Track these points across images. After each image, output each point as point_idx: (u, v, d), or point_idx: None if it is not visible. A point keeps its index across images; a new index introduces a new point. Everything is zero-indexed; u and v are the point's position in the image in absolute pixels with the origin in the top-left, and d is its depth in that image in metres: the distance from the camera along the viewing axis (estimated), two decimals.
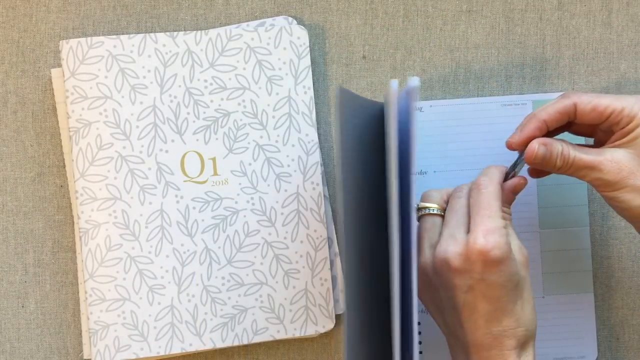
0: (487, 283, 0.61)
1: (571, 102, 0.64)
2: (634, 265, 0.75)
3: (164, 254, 0.72)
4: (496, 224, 0.62)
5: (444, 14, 0.75)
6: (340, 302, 0.74)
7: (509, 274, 0.61)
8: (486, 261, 0.61)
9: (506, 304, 0.62)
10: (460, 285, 0.62)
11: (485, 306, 0.62)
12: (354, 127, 0.65)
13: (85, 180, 0.72)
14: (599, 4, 0.75)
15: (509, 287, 0.62)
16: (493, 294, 0.62)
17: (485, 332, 0.62)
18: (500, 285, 0.61)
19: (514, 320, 0.62)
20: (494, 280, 0.61)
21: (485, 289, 0.62)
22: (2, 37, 0.74)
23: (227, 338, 0.72)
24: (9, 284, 0.74)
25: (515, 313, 0.62)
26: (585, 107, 0.64)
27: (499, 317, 0.62)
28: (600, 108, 0.64)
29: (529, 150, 0.64)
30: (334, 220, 0.74)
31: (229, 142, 0.73)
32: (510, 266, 0.61)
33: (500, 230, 0.61)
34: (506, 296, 0.62)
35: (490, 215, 0.62)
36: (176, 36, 0.72)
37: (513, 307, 0.62)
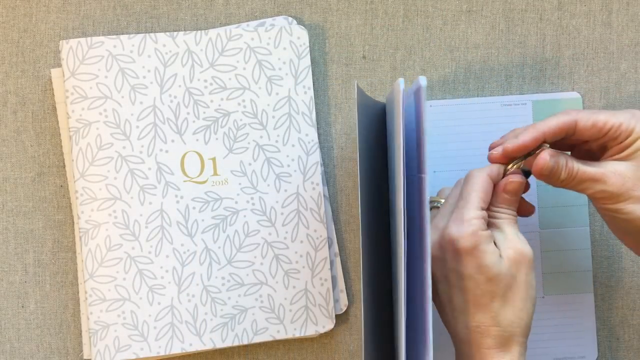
0: (458, 274, 0.62)
1: (572, 118, 0.64)
2: (634, 265, 0.75)
3: (164, 254, 0.72)
4: (469, 215, 0.62)
5: (444, 14, 0.75)
6: (340, 302, 0.74)
7: (478, 265, 0.61)
8: (454, 250, 0.62)
9: (479, 297, 0.62)
10: (438, 275, 0.64)
11: (458, 297, 0.63)
12: (364, 125, 0.66)
13: (85, 180, 0.72)
14: (599, 4, 0.75)
15: (480, 280, 0.62)
16: (463, 285, 0.62)
17: (462, 326, 0.63)
18: (469, 277, 0.62)
19: (489, 317, 0.62)
20: (463, 271, 0.62)
21: (456, 280, 0.62)
22: (2, 37, 0.74)
23: (227, 338, 0.72)
24: (9, 284, 0.74)
25: (491, 310, 0.62)
26: (585, 123, 0.64)
27: (471, 310, 0.62)
28: (599, 124, 0.64)
29: (540, 160, 0.64)
30: (334, 220, 0.74)
31: (229, 142, 0.73)
32: (480, 258, 0.61)
33: (471, 220, 0.62)
34: (477, 289, 0.62)
35: (465, 206, 0.63)
36: (176, 36, 0.72)
37: (488, 303, 0.62)
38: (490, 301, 0.62)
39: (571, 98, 0.75)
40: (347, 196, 0.75)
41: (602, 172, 0.64)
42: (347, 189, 0.75)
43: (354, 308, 0.75)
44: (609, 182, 0.64)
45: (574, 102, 0.75)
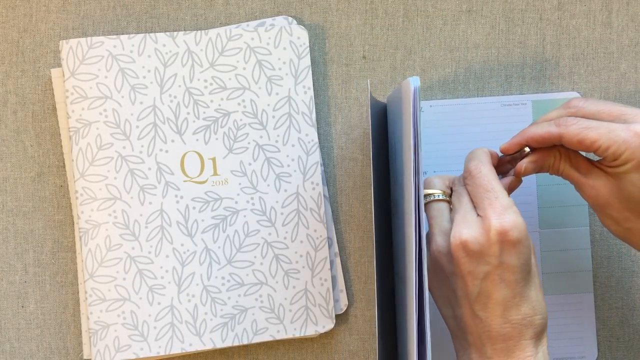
0: (505, 266, 0.60)
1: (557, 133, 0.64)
2: (634, 265, 0.75)
3: (164, 254, 0.72)
4: (506, 203, 0.61)
5: (444, 14, 0.75)
6: (340, 302, 0.74)
7: (526, 256, 0.61)
8: (505, 242, 0.60)
9: (523, 289, 0.61)
10: (475, 272, 0.61)
11: (503, 292, 0.61)
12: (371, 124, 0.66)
13: (85, 180, 0.72)
14: (599, 4, 0.75)
15: (526, 271, 0.61)
16: (511, 278, 0.61)
17: (503, 321, 0.61)
18: (518, 268, 0.61)
19: (531, 307, 0.61)
20: (512, 262, 0.60)
21: (502, 273, 0.61)
22: (2, 37, 0.74)
23: (227, 338, 0.72)
24: (9, 284, 0.74)
25: (532, 300, 0.61)
26: (571, 139, 0.63)
27: (518, 303, 0.61)
28: (586, 142, 0.63)
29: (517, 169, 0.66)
30: (334, 220, 0.74)
31: (229, 142, 0.73)
32: (527, 247, 0.61)
33: (512, 208, 0.61)
34: (523, 280, 0.61)
35: (497, 196, 0.61)
36: (176, 36, 0.72)
37: (529, 293, 0.61)
38: (530, 291, 0.62)
39: (571, 98, 0.75)
40: (347, 196, 0.75)
41: (582, 181, 0.65)
42: (347, 189, 0.75)
43: (354, 308, 0.75)
44: (586, 194, 0.65)
45: None
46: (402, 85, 0.63)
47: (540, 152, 0.66)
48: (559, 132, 0.64)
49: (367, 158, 0.75)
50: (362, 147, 0.75)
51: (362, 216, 0.75)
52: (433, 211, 0.65)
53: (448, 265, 0.63)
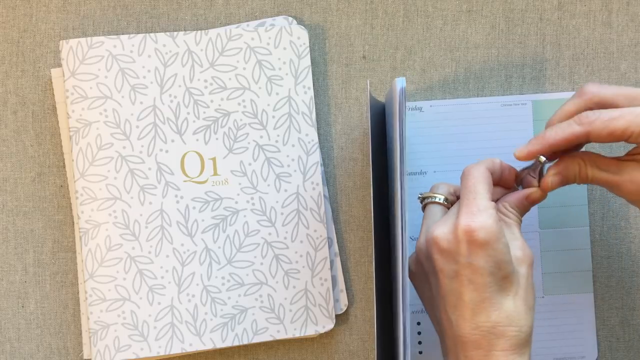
0: (473, 267, 0.59)
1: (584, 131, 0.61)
2: (634, 265, 0.75)
3: (164, 254, 0.72)
4: (482, 205, 0.60)
5: (444, 14, 0.75)
6: (340, 302, 0.74)
7: (497, 260, 0.59)
8: (471, 241, 0.59)
9: (494, 294, 0.59)
10: (446, 270, 0.60)
11: (471, 294, 0.59)
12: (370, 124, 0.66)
13: (85, 180, 0.72)
14: (599, 4, 0.75)
15: (498, 276, 0.59)
16: (479, 281, 0.59)
17: (472, 327, 0.59)
18: (487, 271, 0.59)
19: (505, 316, 0.59)
20: (480, 264, 0.59)
21: (471, 274, 0.59)
22: (2, 37, 0.74)
23: (227, 338, 0.72)
24: (9, 284, 0.74)
25: (506, 309, 0.59)
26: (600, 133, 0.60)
27: (487, 309, 0.59)
28: (617, 133, 0.60)
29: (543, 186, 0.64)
30: (334, 220, 0.74)
31: (229, 142, 0.73)
32: (498, 252, 0.59)
33: (487, 211, 0.60)
34: (495, 285, 0.59)
35: (475, 197, 0.60)
36: (176, 36, 0.72)
37: (502, 300, 0.59)
38: (504, 299, 0.60)
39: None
40: (347, 196, 0.75)
41: (617, 180, 0.62)
42: (347, 189, 0.75)
43: (354, 308, 0.75)
44: (625, 190, 0.62)
45: None
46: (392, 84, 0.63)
47: (562, 162, 0.64)
48: (584, 131, 0.61)
49: (367, 158, 0.75)
50: (362, 147, 0.75)
51: (362, 216, 0.75)
52: (426, 212, 0.65)
53: (427, 262, 0.62)
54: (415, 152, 0.74)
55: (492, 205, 0.60)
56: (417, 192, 0.70)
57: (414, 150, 0.74)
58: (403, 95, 0.61)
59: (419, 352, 0.74)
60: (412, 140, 0.74)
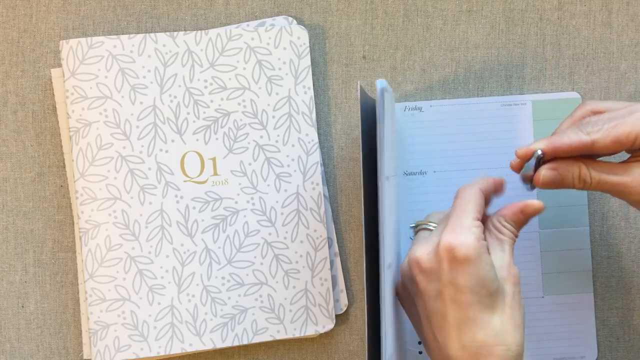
0: (456, 286, 0.58)
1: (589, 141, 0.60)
2: (634, 265, 0.75)
3: (164, 254, 0.72)
4: (466, 223, 0.59)
5: (444, 14, 0.75)
6: (340, 302, 0.74)
7: (479, 277, 0.58)
8: (452, 259, 0.58)
9: (479, 313, 0.58)
10: (430, 290, 0.60)
11: (455, 314, 0.58)
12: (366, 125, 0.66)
13: (85, 180, 0.72)
14: (599, 4, 0.75)
15: (482, 294, 0.58)
16: (462, 299, 0.58)
17: (459, 347, 0.58)
18: (469, 290, 0.58)
19: (492, 335, 0.58)
20: (462, 283, 0.58)
21: (453, 293, 0.58)
22: (2, 37, 0.74)
23: (227, 338, 0.72)
24: (9, 284, 0.74)
25: (493, 327, 0.58)
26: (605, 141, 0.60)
27: (472, 328, 0.58)
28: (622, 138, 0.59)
29: (535, 178, 0.62)
30: (334, 220, 0.74)
31: (229, 142, 0.73)
32: (481, 269, 0.58)
33: (469, 229, 0.59)
34: (479, 304, 0.58)
35: (461, 216, 0.60)
36: (176, 36, 0.72)
37: (488, 319, 0.58)
38: (491, 318, 0.58)
39: (571, 98, 0.75)
40: (347, 196, 0.75)
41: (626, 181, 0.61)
42: (347, 189, 0.75)
43: (354, 308, 0.75)
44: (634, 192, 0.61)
45: (574, 102, 0.75)
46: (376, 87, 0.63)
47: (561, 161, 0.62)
48: (590, 140, 0.60)
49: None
50: None
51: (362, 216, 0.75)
52: (416, 237, 0.65)
53: (410, 285, 0.62)
54: (415, 152, 0.74)
55: (477, 224, 0.60)
56: (417, 193, 0.71)
57: (413, 150, 0.74)
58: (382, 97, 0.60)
59: (418, 352, 0.74)
60: (412, 140, 0.74)
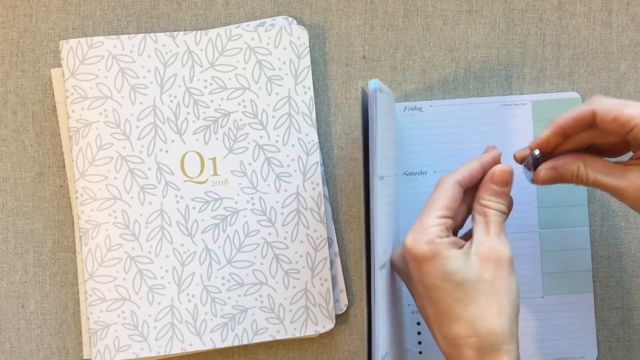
0: (423, 284, 0.59)
1: (590, 109, 0.60)
2: (634, 265, 0.75)
3: (164, 254, 0.72)
4: (426, 222, 0.59)
5: (444, 14, 0.75)
6: (340, 302, 0.74)
7: (442, 273, 0.58)
8: (413, 260, 0.59)
9: (450, 306, 0.58)
10: (409, 288, 0.62)
11: (429, 309, 0.60)
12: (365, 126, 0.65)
13: (85, 180, 0.72)
14: (599, 4, 0.75)
15: (448, 288, 0.58)
16: (431, 296, 0.59)
17: (441, 338, 0.60)
18: (434, 286, 0.58)
19: (466, 327, 0.58)
20: (427, 281, 0.59)
21: (423, 291, 0.59)
22: (2, 37, 0.74)
23: (227, 338, 0.72)
24: (9, 284, 0.74)
25: (466, 319, 0.58)
26: (606, 115, 0.59)
27: (445, 321, 0.59)
28: (622, 120, 0.58)
29: (534, 178, 0.63)
30: (334, 220, 0.74)
31: (229, 142, 0.73)
32: (443, 265, 0.58)
33: (428, 228, 0.59)
34: (447, 298, 0.58)
35: (426, 214, 0.60)
36: (176, 36, 0.72)
37: (461, 311, 0.58)
38: (464, 309, 0.58)
39: (571, 98, 0.75)
40: (347, 196, 0.75)
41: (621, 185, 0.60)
42: (347, 189, 0.75)
43: (354, 308, 0.75)
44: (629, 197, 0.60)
45: (574, 102, 0.75)
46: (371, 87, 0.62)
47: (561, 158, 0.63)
48: (591, 109, 0.59)
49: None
50: None
51: (362, 216, 0.75)
52: None
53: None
54: (415, 152, 0.74)
55: (439, 222, 0.60)
56: (417, 193, 0.71)
57: (413, 150, 0.74)
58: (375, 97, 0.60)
59: (419, 352, 0.74)
60: (412, 140, 0.74)
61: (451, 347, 0.59)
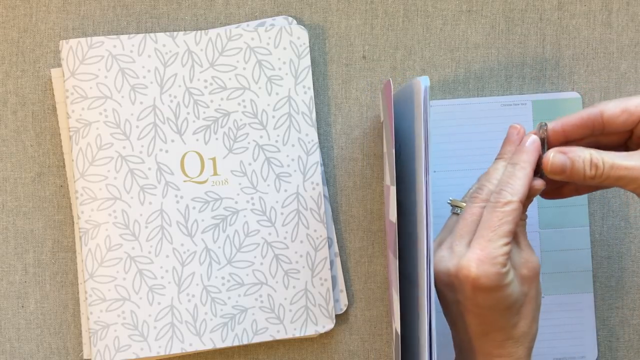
0: (475, 303, 0.59)
1: (597, 109, 0.60)
2: (634, 265, 0.75)
3: (164, 254, 0.72)
4: (493, 253, 0.58)
5: (444, 14, 0.75)
6: (340, 302, 0.74)
7: (499, 298, 0.59)
8: (475, 287, 0.58)
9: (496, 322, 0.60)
10: (450, 297, 0.61)
11: (474, 320, 0.60)
12: None
13: (85, 180, 0.72)
14: (599, 4, 0.75)
15: (500, 309, 0.59)
16: (480, 313, 0.60)
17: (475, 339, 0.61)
18: (487, 307, 0.59)
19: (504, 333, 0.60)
20: (482, 303, 0.59)
21: (472, 308, 0.60)
22: (2, 37, 0.74)
23: (227, 338, 0.72)
24: (9, 284, 0.74)
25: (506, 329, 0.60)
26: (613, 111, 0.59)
27: (487, 331, 0.60)
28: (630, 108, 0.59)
29: (543, 161, 0.60)
30: (334, 220, 0.74)
31: (229, 142, 0.73)
32: (501, 291, 0.58)
33: (494, 259, 0.58)
34: (495, 315, 0.60)
35: (491, 239, 0.58)
36: (176, 36, 0.72)
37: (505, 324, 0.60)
38: (507, 323, 0.60)
39: (571, 98, 0.75)
40: (347, 196, 0.75)
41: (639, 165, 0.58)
42: (347, 189, 0.75)
43: (354, 308, 0.75)
44: None
45: (574, 102, 0.75)
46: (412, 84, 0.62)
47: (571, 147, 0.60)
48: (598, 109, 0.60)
49: (367, 158, 0.75)
50: (362, 147, 0.75)
51: (362, 216, 0.75)
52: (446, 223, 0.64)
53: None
54: None
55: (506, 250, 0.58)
56: None
57: None
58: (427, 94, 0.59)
59: None
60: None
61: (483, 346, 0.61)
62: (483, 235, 0.58)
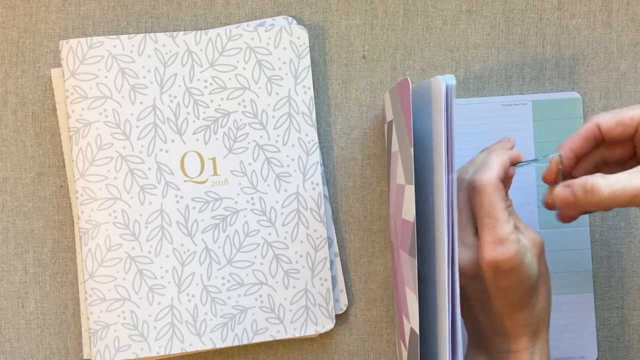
0: (500, 287, 0.61)
1: (592, 123, 0.63)
2: (634, 265, 0.75)
3: (164, 254, 0.72)
4: (503, 232, 0.59)
5: (444, 14, 0.75)
6: (340, 302, 0.74)
7: (522, 277, 0.60)
8: (497, 271, 0.60)
9: (519, 301, 0.62)
10: (474, 288, 0.62)
11: (498, 303, 0.62)
12: None
13: (85, 180, 0.72)
14: (599, 4, 0.75)
15: (523, 288, 0.61)
16: (505, 295, 0.61)
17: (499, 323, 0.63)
18: (511, 288, 0.61)
19: (527, 312, 0.62)
20: (506, 285, 0.61)
21: (496, 292, 0.61)
22: (2, 37, 0.74)
23: (227, 338, 0.72)
24: (9, 284, 0.74)
25: (529, 307, 0.62)
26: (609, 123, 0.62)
27: (512, 312, 0.62)
28: (625, 120, 0.61)
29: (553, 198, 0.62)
30: (334, 220, 0.74)
31: (229, 142, 0.73)
32: (523, 271, 0.60)
33: (508, 238, 0.59)
34: (518, 295, 0.61)
35: (496, 224, 0.60)
36: (176, 36, 0.72)
37: (527, 302, 0.62)
38: (528, 301, 0.62)
39: (571, 98, 0.75)
40: (347, 196, 0.75)
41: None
42: (347, 189, 0.75)
43: (354, 308, 0.75)
44: None
45: (574, 102, 0.75)
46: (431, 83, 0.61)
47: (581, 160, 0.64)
48: (594, 122, 0.62)
49: (367, 158, 0.75)
50: (362, 147, 0.75)
51: (362, 216, 0.75)
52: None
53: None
54: None
55: (512, 227, 0.60)
56: None
57: None
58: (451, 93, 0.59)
59: None
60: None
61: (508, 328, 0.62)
62: (485, 223, 0.60)
